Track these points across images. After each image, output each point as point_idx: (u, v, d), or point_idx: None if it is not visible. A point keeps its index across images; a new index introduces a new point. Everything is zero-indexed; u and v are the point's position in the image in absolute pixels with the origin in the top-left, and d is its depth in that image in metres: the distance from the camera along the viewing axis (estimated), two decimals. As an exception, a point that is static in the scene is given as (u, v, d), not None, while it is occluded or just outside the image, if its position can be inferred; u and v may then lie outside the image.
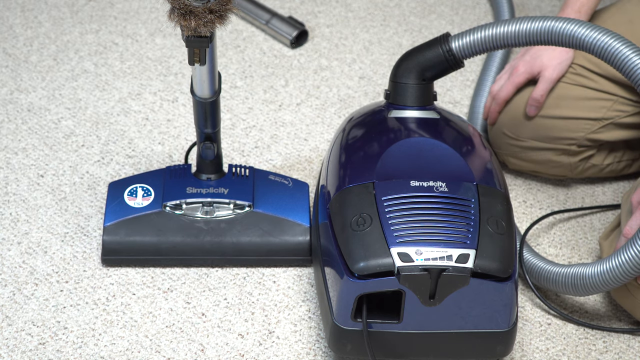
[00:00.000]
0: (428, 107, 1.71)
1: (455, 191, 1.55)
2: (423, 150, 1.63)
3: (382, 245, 1.49)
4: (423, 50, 1.68)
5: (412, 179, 1.56)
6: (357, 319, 1.53)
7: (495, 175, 1.62)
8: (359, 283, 1.49)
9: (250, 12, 2.29)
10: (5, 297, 1.73)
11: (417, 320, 1.52)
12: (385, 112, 1.71)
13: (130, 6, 2.34)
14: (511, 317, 1.55)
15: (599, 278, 1.59)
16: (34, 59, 2.19)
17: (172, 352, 1.66)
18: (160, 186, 1.80)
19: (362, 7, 2.37)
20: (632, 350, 1.70)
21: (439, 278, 1.47)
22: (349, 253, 1.51)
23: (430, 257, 1.48)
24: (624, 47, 1.55)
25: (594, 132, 1.86)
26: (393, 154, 1.61)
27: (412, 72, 1.69)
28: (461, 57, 1.66)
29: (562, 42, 1.59)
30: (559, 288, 1.66)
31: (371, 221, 1.52)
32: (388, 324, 1.53)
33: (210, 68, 1.62)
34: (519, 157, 1.92)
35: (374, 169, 1.58)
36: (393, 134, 1.66)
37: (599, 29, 1.56)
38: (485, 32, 1.63)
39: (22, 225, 1.85)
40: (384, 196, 1.54)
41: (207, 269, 1.79)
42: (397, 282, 1.48)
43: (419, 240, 1.49)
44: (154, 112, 2.08)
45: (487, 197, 1.56)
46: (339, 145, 1.70)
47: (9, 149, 1.99)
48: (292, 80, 2.18)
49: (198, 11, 1.46)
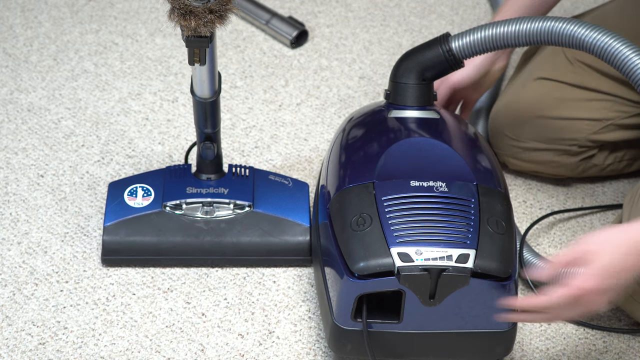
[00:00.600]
0: (428, 107, 1.71)
1: (455, 191, 1.55)
2: (423, 150, 1.63)
3: (382, 245, 1.49)
4: (423, 50, 1.68)
5: (412, 179, 1.56)
6: (357, 319, 1.53)
7: (495, 175, 1.62)
8: (359, 283, 1.50)
9: (250, 12, 2.29)
10: (5, 297, 1.73)
11: (417, 320, 1.52)
12: (385, 112, 1.71)
13: (130, 6, 2.34)
14: None
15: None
16: (34, 59, 2.19)
17: (172, 352, 1.66)
18: (160, 186, 1.80)
19: (362, 7, 2.37)
20: (632, 350, 1.70)
21: (439, 278, 1.47)
22: (349, 253, 1.51)
23: (430, 257, 1.48)
24: (624, 47, 1.55)
25: (595, 132, 1.86)
26: (393, 154, 1.61)
27: (412, 72, 1.69)
28: (461, 57, 1.66)
29: (562, 42, 1.59)
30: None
31: (371, 221, 1.52)
32: (388, 324, 1.53)
33: (210, 68, 1.62)
34: (520, 158, 1.92)
35: (374, 169, 1.58)
36: (393, 134, 1.66)
37: (599, 29, 1.56)
38: (486, 32, 1.63)
39: (22, 225, 1.85)
40: (384, 196, 1.54)
41: (207, 269, 1.79)
42: (397, 282, 1.48)
43: (419, 240, 1.49)
44: (154, 112, 2.08)
45: (487, 197, 1.56)
46: (339, 145, 1.70)
47: (9, 149, 1.99)
48: (292, 80, 2.18)
49: (198, 11, 1.46)
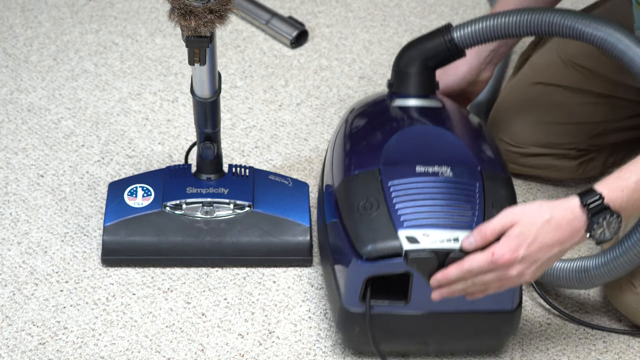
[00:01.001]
0: (431, 95, 1.73)
1: (459, 176, 1.57)
2: (427, 138, 1.66)
3: (389, 228, 1.52)
4: (425, 40, 1.71)
5: (418, 164, 1.59)
6: (365, 302, 1.56)
7: (497, 161, 1.65)
8: (367, 265, 1.52)
9: (250, 12, 2.29)
10: (5, 297, 1.73)
11: (424, 301, 1.55)
12: (389, 101, 1.73)
13: (130, 6, 2.34)
14: (515, 298, 1.58)
15: (603, 269, 1.60)
16: (34, 59, 2.19)
17: (172, 352, 1.66)
18: (160, 186, 1.80)
19: (362, 7, 2.38)
20: (632, 350, 1.70)
21: (445, 260, 1.50)
22: (357, 236, 1.54)
23: (437, 240, 1.50)
24: (624, 38, 1.56)
25: (594, 135, 1.86)
26: (398, 141, 1.64)
27: (415, 62, 1.71)
28: (463, 47, 1.68)
29: (563, 33, 1.60)
30: (562, 282, 1.66)
31: (378, 205, 1.55)
32: (395, 306, 1.57)
33: (210, 68, 1.62)
34: (519, 163, 1.92)
35: (380, 156, 1.61)
36: (397, 122, 1.69)
37: (599, 20, 1.58)
38: (487, 22, 1.65)
39: (22, 225, 1.85)
40: (390, 181, 1.57)
41: (207, 269, 1.79)
42: (404, 264, 1.51)
43: (426, 224, 1.52)
44: (154, 112, 2.08)
45: (491, 182, 1.58)
46: (342, 135, 1.73)
47: (9, 149, 1.99)
48: (292, 80, 2.18)
49: (198, 11, 1.46)
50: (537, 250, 1.45)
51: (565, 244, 1.46)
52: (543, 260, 1.46)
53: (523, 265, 1.45)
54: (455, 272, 1.47)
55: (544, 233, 1.45)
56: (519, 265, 1.45)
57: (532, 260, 1.45)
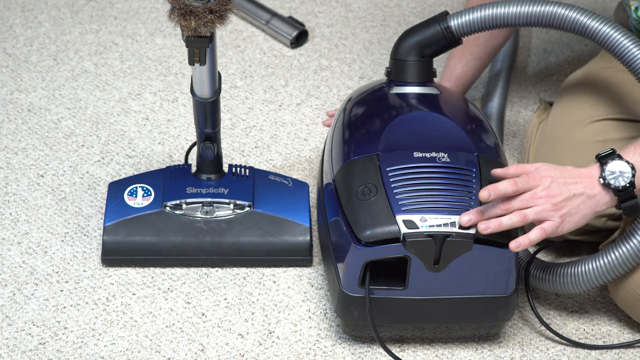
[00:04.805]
0: (428, 83, 1.75)
1: (456, 161, 1.60)
2: (425, 124, 1.68)
3: (387, 213, 1.55)
4: (422, 28, 1.73)
5: (415, 150, 1.61)
6: (364, 286, 1.58)
7: (494, 147, 1.67)
8: (366, 250, 1.55)
9: (250, 12, 2.29)
10: (5, 297, 1.73)
11: (422, 286, 1.57)
12: (387, 89, 1.75)
13: (130, 6, 2.34)
14: (512, 283, 1.60)
15: (600, 270, 1.60)
16: (34, 59, 2.19)
17: (172, 352, 1.66)
18: (160, 186, 1.80)
19: (362, 7, 2.38)
20: (632, 350, 1.70)
21: (443, 244, 1.52)
22: (355, 222, 1.56)
23: (434, 224, 1.53)
24: (624, 39, 1.58)
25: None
26: (396, 127, 1.66)
27: (412, 50, 1.73)
28: (459, 35, 1.70)
29: (564, 26, 1.62)
30: (558, 287, 1.66)
31: (376, 191, 1.57)
32: (394, 291, 1.58)
33: (210, 68, 1.62)
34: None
35: (378, 142, 1.63)
36: (395, 108, 1.71)
37: (601, 18, 1.60)
38: (484, 12, 1.66)
39: (22, 225, 1.85)
40: (389, 167, 1.59)
41: (207, 269, 1.79)
42: (402, 248, 1.53)
43: (424, 208, 1.55)
44: (154, 112, 2.08)
45: (487, 167, 1.60)
46: (341, 124, 1.74)
47: (9, 149, 1.99)
48: (292, 80, 2.18)
49: (198, 11, 1.46)
50: (563, 187, 1.52)
51: (583, 189, 1.52)
52: (567, 197, 1.52)
53: (550, 190, 1.51)
54: (506, 173, 1.54)
55: (559, 176, 1.53)
56: (546, 189, 1.51)
57: (559, 188, 1.52)
